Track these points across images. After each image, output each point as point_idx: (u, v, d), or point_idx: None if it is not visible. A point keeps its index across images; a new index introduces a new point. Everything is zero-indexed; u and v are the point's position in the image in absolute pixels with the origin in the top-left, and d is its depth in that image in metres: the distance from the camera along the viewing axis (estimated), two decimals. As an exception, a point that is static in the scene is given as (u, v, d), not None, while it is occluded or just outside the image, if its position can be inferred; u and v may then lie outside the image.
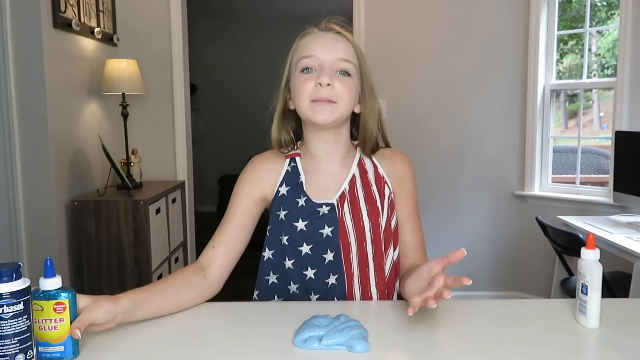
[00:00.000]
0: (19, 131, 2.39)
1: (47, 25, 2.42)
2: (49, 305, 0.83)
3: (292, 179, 1.17)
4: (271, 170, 1.19)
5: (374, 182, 1.18)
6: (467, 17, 3.28)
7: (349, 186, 1.16)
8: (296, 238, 1.14)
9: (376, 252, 1.15)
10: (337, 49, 1.11)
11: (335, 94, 1.09)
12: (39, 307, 0.83)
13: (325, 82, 1.08)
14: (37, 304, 0.83)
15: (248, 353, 0.87)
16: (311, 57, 1.10)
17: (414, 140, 3.32)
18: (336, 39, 1.13)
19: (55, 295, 0.84)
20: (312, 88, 1.09)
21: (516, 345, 0.89)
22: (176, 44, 3.23)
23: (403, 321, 1.00)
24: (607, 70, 4.43)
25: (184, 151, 3.32)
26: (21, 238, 2.41)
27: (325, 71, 1.09)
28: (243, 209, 1.17)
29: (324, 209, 1.14)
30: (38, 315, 0.83)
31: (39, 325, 0.83)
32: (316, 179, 1.17)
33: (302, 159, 1.20)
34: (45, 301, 0.83)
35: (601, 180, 4.73)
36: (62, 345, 0.85)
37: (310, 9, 5.23)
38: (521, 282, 3.39)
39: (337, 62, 1.10)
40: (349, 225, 1.14)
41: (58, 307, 0.84)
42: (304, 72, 1.11)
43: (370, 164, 1.20)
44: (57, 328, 0.84)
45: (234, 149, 6.27)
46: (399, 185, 1.20)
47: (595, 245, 0.97)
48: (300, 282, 1.15)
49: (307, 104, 1.10)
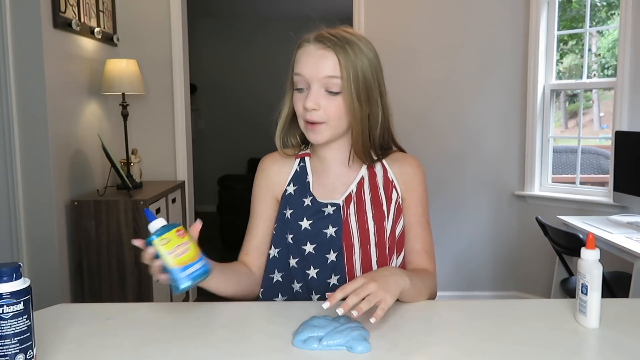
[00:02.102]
0: (19, 131, 2.39)
1: (47, 25, 2.42)
2: (172, 234, 0.90)
3: (300, 179, 1.19)
4: (281, 171, 1.21)
5: (382, 185, 1.17)
6: (468, 17, 3.28)
7: (357, 188, 1.16)
8: (300, 237, 1.15)
9: (380, 255, 1.14)
10: (322, 67, 1.07)
11: (324, 115, 1.09)
12: (166, 240, 0.90)
13: (310, 107, 1.08)
14: (163, 237, 0.90)
15: (248, 353, 0.87)
16: (300, 75, 1.10)
17: (413, 140, 3.30)
18: (323, 55, 1.07)
19: (170, 226, 0.92)
20: (303, 109, 1.10)
21: (516, 345, 0.89)
22: (176, 44, 3.23)
23: (403, 321, 1.00)
24: (607, 70, 4.43)
25: (184, 151, 3.32)
26: (21, 238, 2.41)
27: (312, 94, 1.08)
28: (263, 216, 1.21)
29: (329, 209, 1.15)
30: (169, 247, 0.89)
31: (175, 255, 0.89)
32: (324, 179, 1.18)
33: (312, 159, 1.21)
34: (167, 233, 0.90)
35: (601, 180, 4.73)
36: (201, 261, 0.92)
37: (310, 9, 5.21)
38: (521, 282, 3.39)
39: (323, 80, 1.08)
40: (354, 227, 1.14)
41: (180, 233, 0.92)
42: (297, 91, 1.12)
43: (380, 167, 1.19)
44: (190, 249, 0.91)
45: (234, 149, 6.27)
46: (408, 189, 1.18)
47: (595, 245, 0.97)
48: (303, 282, 1.16)
49: (302, 123, 1.13)
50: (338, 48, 1.08)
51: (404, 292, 0.99)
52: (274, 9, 5.70)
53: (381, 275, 0.96)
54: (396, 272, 1.00)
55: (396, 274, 0.99)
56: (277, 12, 5.80)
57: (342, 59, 1.07)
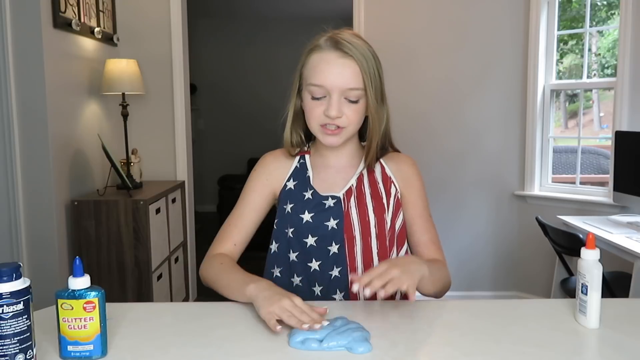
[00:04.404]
0: (19, 131, 2.39)
1: (47, 25, 2.42)
2: (78, 304, 0.84)
3: (300, 175, 1.21)
4: (281, 167, 1.23)
5: (380, 180, 1.20)
6: (467, 17, 3.28)
7: (357, 182, 1.19)
8: (302, 230, 1.16)
9: (381, 247, 1.17)
10: (345, 77, 1.09)
11: (344, 121, 1.12)
12: (68, 306, 0.84)
13: (334, 115, 1.10)
14: (67, 303, 0.84)
15: (248, 353, 0.87)
16: (320, 86, 1.10)
17: (414, 140, 3.31)
18: (344, 65, 1.09)
19: (85, 294, 0.84)
20: (321, 115, 1.11)
21: (516, 345, 0.89)
22: (176, 44, 3.23)
23: (403, 322, 1.00)
24: (607, 70, 4.43)
25: (184, 151, 3.32)
26: (21, 238, 2.41)
27: (334, 103, 1.09)
28: (255, 207, 1.21)
29: (330, 201, 1.17)
30: (68, 315, 0.84)
31: (68, 325, 0.84)
32: (324, 174, 1.21)
33: (312, 156, 1.23)
34: (75, 300, 0.84)
35: (601, 180, 4.72)
36: (91, 344, 0.85)
37: (311, 9, 5.22)
38: (521, 282, 3.39)
39: (345, 91, 1.10)
40: (355, 219, 1.16)
41: (88, 306, 0.84)
42: (313, 99, 1.12)
43: (377, 165, 1.22)
44: (87, 327, 0.85)
45: (234, 149, 6.27)
46: (407, 185, 1.21)
47: (595, 245, 0.97)
48: (304, 275, 1.17)
49: (317, 127, 1.14)
50: (358, 56, 1.10)
51: (423, 279, 1.01)
52: (274, 9, 5.70)
53: (402, 261, 1.01)
54: (415, 260, 1.05)
55: (415, 261, 1.03)
56: (277, 12, 5.80)
57: (363, 68, 1.10)
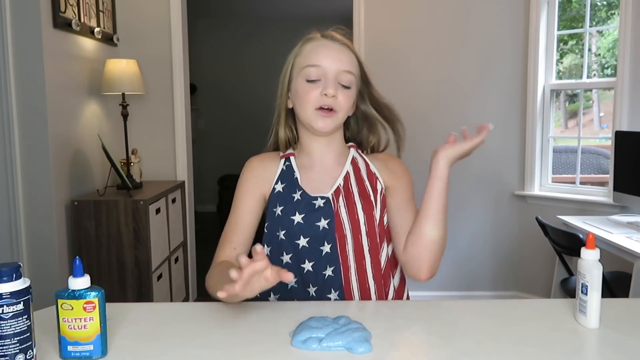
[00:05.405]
0: (19, 131, 2.39)
1: (47, 25, 2.42)
2: (78, 304, 0.84)
3: (288, 177, 1.22)
4: (268, 169, 1.23)
5: (366, 177, 1.22)
6: (467, 17, 3.28)
7: (344, 182, 1.20)
8: (293, 231, 1.17)
9: (372, 244, 1.18)
10: (342, 60, 1.17)
11: (338, 104, 1.16)
12: (68, 307, 0.84)
13: (331, 93, 1.14)
14: (67, 303, 0.84)
15: (248, 353, 0.87)
16: (317, 66, 1.15)
17: (413, 140, 3.28)
18: (341, 50, 1.18)
19: (85, 294, 0.84)
20: (317, 97, 1.15)
21: (516, 345, 0.89)
22: (176, 44, 3.23)
23: (403, 322, 1.00)
24: (607, 70, 4.43)
25: (184, 151, 3.32)
26: (21, 238, 2.41)
27: (330, 82, 1.15)
28: (249, 209, 1.21)
29: (320, 201, 1.18)
30: (68, 315, 0.84)
31: (68, 325, 0.84)
32: (311, 175, 1.22)
33: (297, 157, 1.24)
34: (75, 300, 0.84)
35: (601, 180, 4.73)
36: (91, 344, 0.85)
37: (311, 9, 5.22)
38: (521, 282, 3.39)
39: (340, 73, 1.16)
40: (345, 218, 1.17)
41: (88, 306, 0.84)
42: (308, 82, 1.16)
43: (362, 162, 1.24)
44: (87, 327, 0.85)
45: (234, 149, 6.26)
46: (394, 177, 1.24)
47: (595, 245, 0.97)
48: (298, 276, 1.17)
49: (311, 111, 1.16)
50: (353, 48, 1.21)
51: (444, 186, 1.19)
52: (273, 9, 5.70)
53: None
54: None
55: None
56: (277, 12, 5.80)
57: (357, 57, 1.20)
